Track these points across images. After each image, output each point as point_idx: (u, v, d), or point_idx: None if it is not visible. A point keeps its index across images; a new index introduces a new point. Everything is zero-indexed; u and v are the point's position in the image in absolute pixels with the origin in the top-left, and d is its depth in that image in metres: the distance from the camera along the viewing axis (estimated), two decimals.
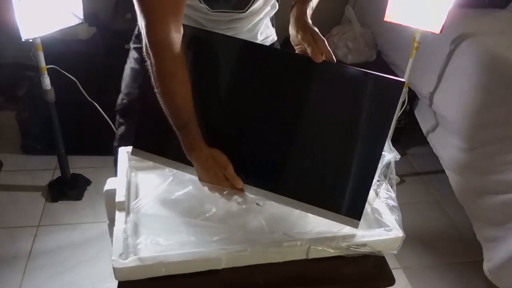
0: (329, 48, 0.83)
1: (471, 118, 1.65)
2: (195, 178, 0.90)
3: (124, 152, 1.02)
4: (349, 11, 2.35)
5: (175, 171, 0.94)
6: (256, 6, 1.00)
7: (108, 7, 2.44)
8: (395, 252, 0.89)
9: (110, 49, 2.19)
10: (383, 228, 0.90)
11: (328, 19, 2.65)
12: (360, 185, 0.84)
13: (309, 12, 0.91)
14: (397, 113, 1.94)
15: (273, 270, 0.84)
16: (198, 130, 0.86)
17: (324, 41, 0.84)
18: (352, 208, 0.85)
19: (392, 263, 0.90)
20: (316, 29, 0.86)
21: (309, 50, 0.82)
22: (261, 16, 1.07)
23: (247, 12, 1.00)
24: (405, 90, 1.87)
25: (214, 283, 0.82)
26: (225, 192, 0.86)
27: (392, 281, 0.86)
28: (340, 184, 0.85)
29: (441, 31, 1.62)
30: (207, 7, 0.95)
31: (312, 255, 0.86)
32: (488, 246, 1.53)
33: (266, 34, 1.16)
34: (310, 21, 0.89)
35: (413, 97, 2.10)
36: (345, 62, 2.31)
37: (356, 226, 0.85)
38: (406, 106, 1.97)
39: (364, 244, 0.87)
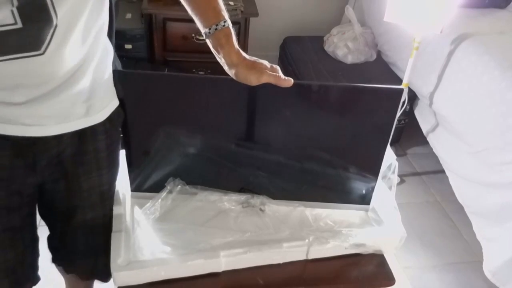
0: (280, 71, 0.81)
1: (471, 118, 1.65)
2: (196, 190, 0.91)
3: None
4: (349, 11, 2.34)
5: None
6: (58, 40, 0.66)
7: None
8: (395, 251, 0.89)
9: None
10: (383, 228, 0.90)
11: (328, 19, 2.65)
12: (370, 179, 0.95)
13: (236, 45, 0.81)
14: (397, 113, 1.94)
15: (273, 271, 0.84)
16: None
17: (277, 67, 0.81)
18: (363, 199, 0.98)
19: (392, 263, 0.90)
20: (261, 61, 0.81)
21: (275, 83, 0.80)
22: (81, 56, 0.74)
23: (46, 53, 0.66)
24: (405, 90, 1.87)
25: (214, 285, 0.82)
26: None
27: (392, 281, 0.87)
28: (355, 183, 0.96)
29: (441, 31, 1.62)
30: None
31: (312, 256, 0.86)
32: (488, 246, 1.53)
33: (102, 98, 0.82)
34: (248, 56, 0.81)
35: (413, 97, 2.09)
36: (345, 62, 2.31)
37: (367, 209, 0.99)
38: (406, 106, 1.97)
39: (364, 244, 0.87)
